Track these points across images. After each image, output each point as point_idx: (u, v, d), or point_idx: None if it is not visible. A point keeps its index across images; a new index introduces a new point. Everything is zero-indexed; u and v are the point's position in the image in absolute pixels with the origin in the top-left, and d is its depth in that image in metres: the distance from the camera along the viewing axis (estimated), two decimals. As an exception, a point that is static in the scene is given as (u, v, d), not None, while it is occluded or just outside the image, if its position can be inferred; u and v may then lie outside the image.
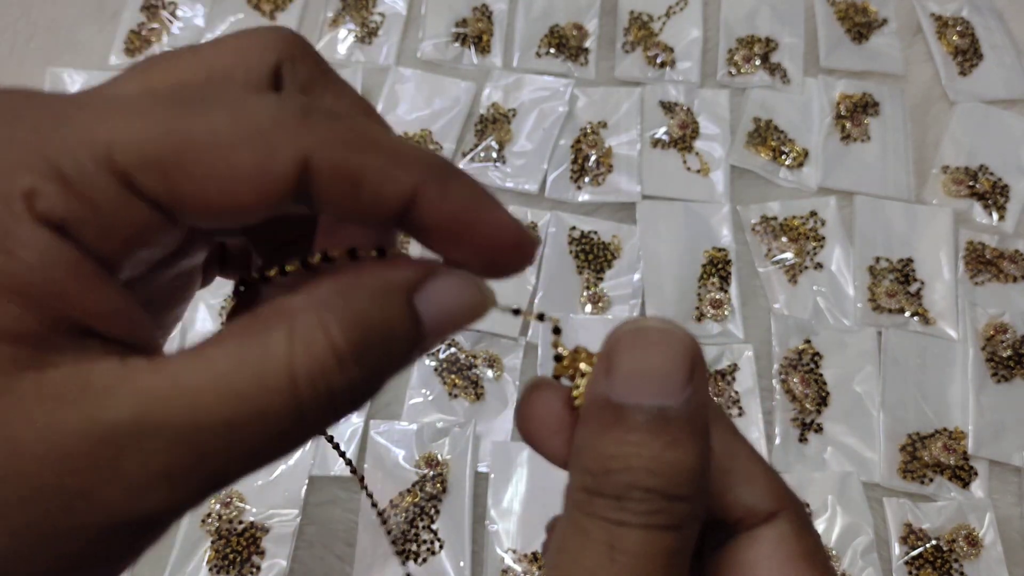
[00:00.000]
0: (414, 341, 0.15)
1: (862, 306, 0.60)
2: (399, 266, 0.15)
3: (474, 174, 0.64)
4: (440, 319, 0.15)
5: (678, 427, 0.15)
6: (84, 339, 0.13)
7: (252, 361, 0.13)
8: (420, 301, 0.15)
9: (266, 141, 0.14)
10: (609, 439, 0.15)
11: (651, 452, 0.14)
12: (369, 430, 0.55)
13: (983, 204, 0.65)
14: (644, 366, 0.15)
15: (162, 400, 0.13)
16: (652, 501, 0.14)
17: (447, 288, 0.15)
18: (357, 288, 0.15)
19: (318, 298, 0.14)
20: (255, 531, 0.51)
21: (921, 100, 0.70)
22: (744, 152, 0.66)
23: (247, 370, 0.13)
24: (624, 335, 0.15)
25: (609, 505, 0.14)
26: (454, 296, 0.16)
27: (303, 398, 0.13)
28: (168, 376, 0.13)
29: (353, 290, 0.15)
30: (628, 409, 0.15)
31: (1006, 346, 0.58)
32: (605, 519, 0.14)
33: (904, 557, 0.52)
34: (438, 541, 0.51)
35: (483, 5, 0.72)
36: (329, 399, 0.14)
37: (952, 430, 0.56)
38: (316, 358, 0.13)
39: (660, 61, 0.70)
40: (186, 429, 0.13)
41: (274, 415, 0.13)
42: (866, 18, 0.72)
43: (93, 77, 0.69)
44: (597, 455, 0.15)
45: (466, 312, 0.16)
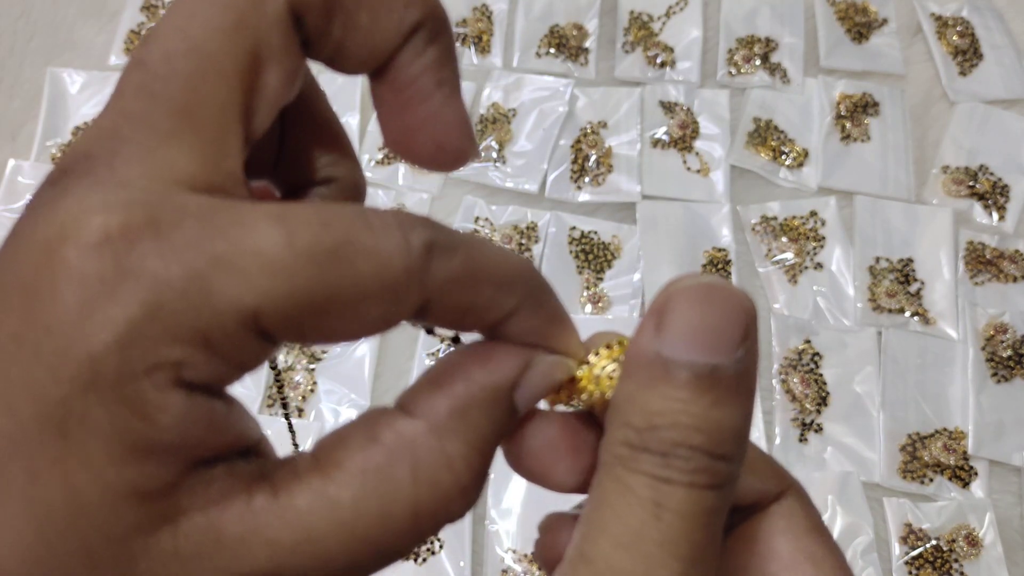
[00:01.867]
0: (510, 424, 0.16)
1: (862, 306, 0.60)
2: (503, 362, 0.16)
3: (474, 174, 0.65)
4: (529, 400, 0.16)
5: (727, 386, 0.15)
6: (209, 471, 0.13)
7: (376, 505, 0.14)
8: (519, 395, 0.16)
9: (398, 294, 0.14)
10: (656, 395, 0.14)
11: (698, 409, 0.14)
12: (369, 430, 0.55)
13: (983, 204, 0.65)
14: (700, 323, 0.15)
15: (293, 552, 0.13)
16: (697, 459, 0.14)
17: (539, 376, 0.16)
18: (473, 404, 0.15)
19: (436, 422, 0.14)
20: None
21: (921, 100, 0.70)
22: (744, 152, 0.66)
23: (373, 516, 0.14)
24: (680, 290, 0.15)
25: (655, 462, 0.14)
26: (542, 380, 0.16)
27: (424, 532, 0.14)
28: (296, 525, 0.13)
29: (470, 408, 0.15)
30: (678, 365, 0.14)
31: (1006, 346, 0.58)
32: (651, 476, 0.14)
33: (904, 557, 0.52)
34: (438, 541, 0.51)
35: (483, 5, 0.72)
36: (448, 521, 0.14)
37: (952, 430, 0.56)
38: (441, 497, 0.14)
39: (660, 61, 0.70)
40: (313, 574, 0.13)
41: (395, 549, 0.14)
42: (866, 18, 0.72)
43: (93, 77, 0.69)
44: (643, 410, 0.15)
45: (551, 388, 0.16)
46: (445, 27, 0.16)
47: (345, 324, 0.14)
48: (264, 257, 0.13)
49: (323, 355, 0.58)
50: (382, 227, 0.14)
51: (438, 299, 0.14)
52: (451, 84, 0.16)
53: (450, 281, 0.14)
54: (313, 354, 0.58)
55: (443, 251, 0.14)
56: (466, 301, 0.15)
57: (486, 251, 0.15)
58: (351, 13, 0.15)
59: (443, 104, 0.16)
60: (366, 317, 0.14)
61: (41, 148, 0.65)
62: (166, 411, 0.12)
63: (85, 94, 0.68)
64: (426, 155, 0.17)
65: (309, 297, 0.13)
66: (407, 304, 0.14)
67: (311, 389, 0.57)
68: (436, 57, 0.16)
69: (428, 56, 0.16)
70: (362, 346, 0.58)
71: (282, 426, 0.56)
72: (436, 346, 0.58)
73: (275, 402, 0.56)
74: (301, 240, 0.13)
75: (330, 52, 0.16)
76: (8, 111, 0.68)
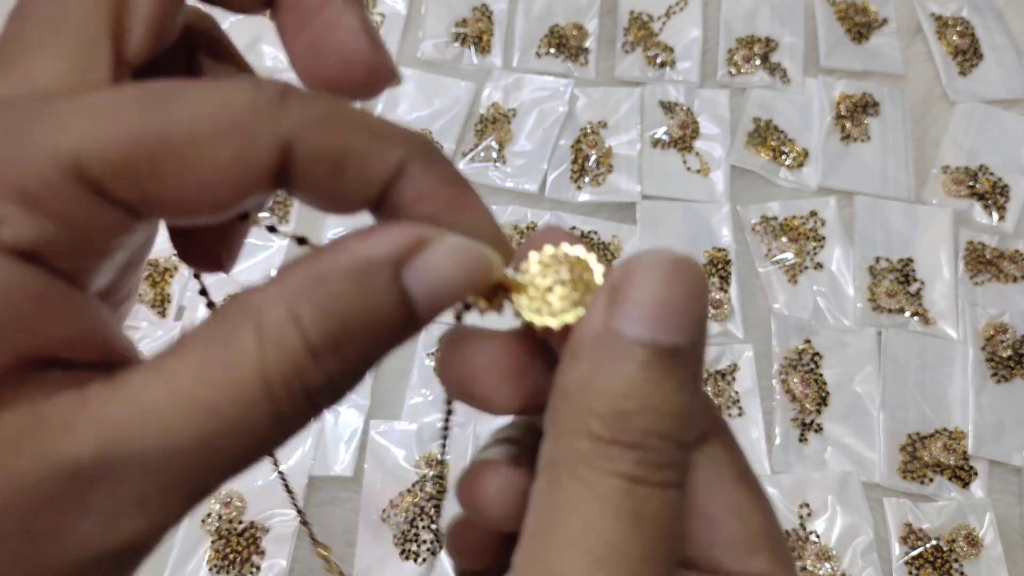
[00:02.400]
0: (405, 323, 0.14)
1: (862, 306, 0.60)
2: (385, 236, 0.14)
3: (474, 174, 0.65)
4: (435, 295, 0.14)
5: (684, 366, 0.13)
6: (44, 373, 0.12)
7: (219, 371, 0.12)
8: (410, 277, 0.13)
9: (244, 131, 0.13)
10: (620, 378, 0.13)
11: (664, 392, 0.13)
12: (369, 430, 0.55)
13: (983, 204, 0.65)
14: (662, 297, 0.13)
15: (124, 428, 0.12)
16: (669, 451, 0.13)
17: (443, 258, 0.14)
18: (334, 271, 0.13)
19: (288, 288, 0.13)
20: (255, 531, 0.51)
21: (921, 100, 0.70)
22: (744, 152, 0.66)
23: (215, 382, 0.12)
24: (643, 265, 0.14)
25: (628, 458, 0.13)
26: (451, 267, 0.14)
27: (280, 402, 0.12)
28: (128, 400, 0.12)
29: (329, 274, 0.13)
30: (641, 343, 0.13)
31: (1006, 346, 0.58)
32: (625, 477, 0.13)
33: (904, 557, 0.52)
34: (438, 541, 0.51)
35: (483, 5, 0.72)
36: (308, 398, 0.13)
37: (952, 430, 0.56)
38: (289, 358, 0.12)
39: (660, 61, 0.70)
40: (154, 454, 0.12)
41: (251, 425, 0.12)
42: (866, 18, 0.72)
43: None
44: (607, 394, 0.13)
45: (465, 283, 0.14)
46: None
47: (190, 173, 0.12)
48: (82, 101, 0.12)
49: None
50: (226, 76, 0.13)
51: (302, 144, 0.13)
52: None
53: (314, 121, 0.13)
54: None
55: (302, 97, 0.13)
56: (337, 145, 0.13)
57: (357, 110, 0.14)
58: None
59: (340, 11, 0.15)
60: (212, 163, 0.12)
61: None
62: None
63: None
64: (335, 72, 0.15)
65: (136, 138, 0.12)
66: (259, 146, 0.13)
67: (311, 389, 0.57)
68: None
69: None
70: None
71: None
72: (435, 346, 0.58)
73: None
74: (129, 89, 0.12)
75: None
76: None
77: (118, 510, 0.12)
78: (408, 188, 0.14)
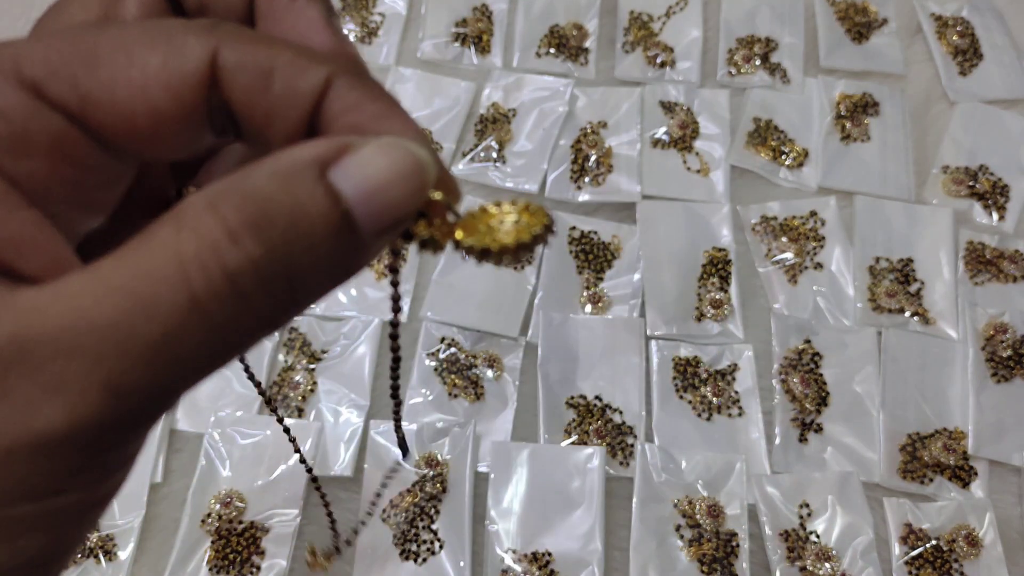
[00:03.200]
0: (342, 227, 0.13)
1: (862, 306, 0.60)
2: (311, 144, 0.14)
3: (474, 174, 0.65)
4: (366, 191, 0.13)
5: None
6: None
7: (136, 257, 0.12)
8: (338, 175, 0.13)
9: (173, 41, 0.13)
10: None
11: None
12: (369, 430, 0.55)
13: (983, 204, 0.65)
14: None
15: (41, 313, 0.12)
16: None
17: (370, 156, 0.14)
18: (256, 170, 0.13)
19: (212, 190, 0.13)
20: (255, 531, 0.51)
21: (921, 100, 0.70)
22: (744, 152, 0.66)
23: (131, 266, 0.12)
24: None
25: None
26: (379, 164, 0.14)
27: (195, 281, 0.12)
28: (50, 291, 0.12)
29: (251, 174, 0.13)
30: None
31: (1006, 346, 0.58)
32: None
33: (904, 557, 0.52)
34: (438, 541, 0.51)
35: (483, 5, 0.72)
36: (228, 280, 0.12)
37: (952, 430, 0.56)
38: (205, 239, 0.12)
39: (660, 61, 0.70)
40: (67, 335, 0.12)
41: (165, 305, 0.12)
42: (866, 18, 0.72)
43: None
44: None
45: (397, 179, 0.14)
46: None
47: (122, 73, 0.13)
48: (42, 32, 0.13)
49: (323, 355, 0.58)
50: None
51: (229, 52, 0.14)
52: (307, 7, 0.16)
53: (241, 36, 0.14)
54: (313, 354, 0.58)
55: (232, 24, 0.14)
56: (262, 56, 0.14)
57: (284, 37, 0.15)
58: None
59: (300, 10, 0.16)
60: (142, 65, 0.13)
61: (41, 148, 0.65)
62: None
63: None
64: None
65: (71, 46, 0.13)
66: (186, 54, 0.13)
67: (311, 389, 0.56)
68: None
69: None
70: (362, 346, 0.58)
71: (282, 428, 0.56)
72: (436, 346, 0.58)
73: (271, 400, 0.56)
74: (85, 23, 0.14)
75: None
76: (8, 111, 0.68)
77: (35, 395, 0.12)
78: (336, 102, 0.14)
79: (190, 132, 0.15)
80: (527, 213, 0.15)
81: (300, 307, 0.14)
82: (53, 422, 0.12)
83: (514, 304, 0.59)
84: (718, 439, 0.56)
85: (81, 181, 0.14)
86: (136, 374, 0.12)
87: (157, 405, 0.13)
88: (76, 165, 0.14)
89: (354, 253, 0.14)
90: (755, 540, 0.53)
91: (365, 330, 0.58)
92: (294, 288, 0.13)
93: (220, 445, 0.53)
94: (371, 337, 0.58)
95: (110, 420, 0.12)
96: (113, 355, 0.12)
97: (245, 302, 0.13)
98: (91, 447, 0.13)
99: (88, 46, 0.13)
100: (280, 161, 0.13)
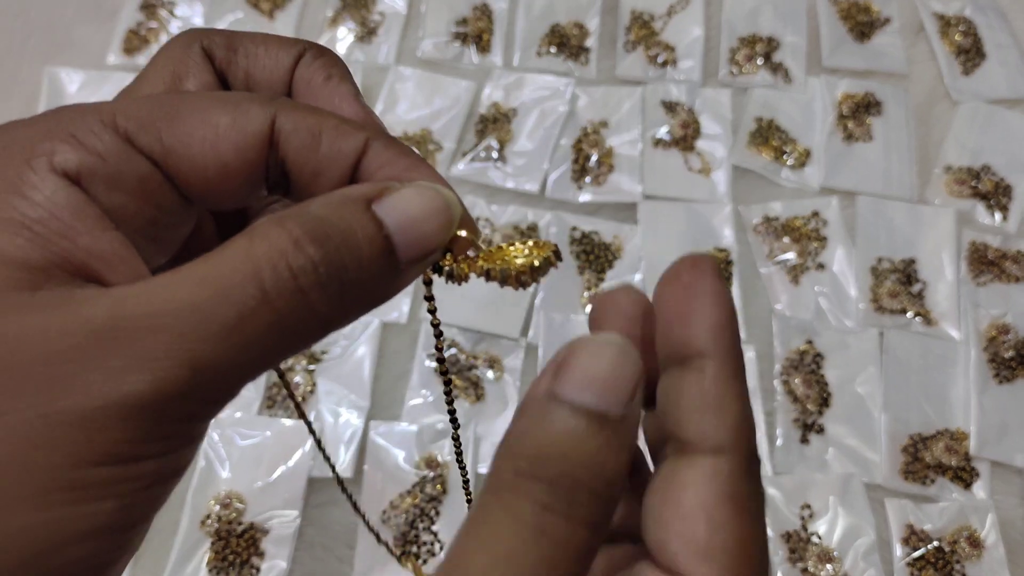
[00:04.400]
0: (385, 251, 0.16)
1: (864, 307, 0.60)
2: (358, 185, 0.17)
3: (474, 174, 0.65)
4: (403, 222, 0.17)
5: (614, 433, 0.16)
6: (77, 278, 0.15)
7: (215, 258, 0.15)
8: (381, 208, 0.16)
9: (240, 107, 0.17)
10: (551, 430, 0.15)
11: (588, 448, 0.15)
12: (369, 431, 0.54)
13: (986, 204, 0.64)
14: (597, 371, 0.16)
15: (133, 298, 0.14)
16: (579, 493, 0.15)
17: (407, 195, 0.17)
18: (314, 201, 0.16)
19: (277, 214, 0.16)
20: (255, 532, 0.51)
21: (924, 100, 0.69)
22: (746, 152, 0.66)
23: (210, 265, 0.15)
24: (582, 343, 0.16)
25: (543, 489, 0.15)
26: (414, 201, 0.17)
27: (264, 276, 0.15)
28: (140, 285, 0.15)
29: (310, 203, 0.16)
30: (573, 405, 0.15)
31: (1008, 347, 0.58)
32: (537, 502, 0.15)
33: (906, 558, 0.52)
34: (438, 543, 0.51)
35: (483, 4, 0.72)
36: (292, 276, 0.15)
37: (954, 431, 0.56)
38: (274, 243, 0.15)
39: (661, 60, 0.70)
40: (155, 315, 0.14)
41: (238, 294, 0.14)
42: (868, 17, 0.72)
43: (91, 77, 0.68)
44: (535, 442, 0.15)
45: (430, 215, 0.17)
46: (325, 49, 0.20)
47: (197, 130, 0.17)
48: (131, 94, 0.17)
49: (323, 356, 0.58)
50: None
51: (285, 117, 0.17)
52: (339, 76, 0.20)
53: (295, 106, 0.17)
54: (313, 355, 0.58)
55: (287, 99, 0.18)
56: (312, 122, 0.17)
57: None
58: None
59: (334, 89, 0.20)
60: (214, 124, 0.17)
61: (40, 147, 0.65)
62: (39, 190, 0.15)
63: (83, 94, 0.68)
64: None
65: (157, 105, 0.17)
66: (251, 117, 0.17)
67: (310, 390, 0.56)
68: (322, 63, 0.20)
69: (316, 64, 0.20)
70: (361, 347, 0.57)
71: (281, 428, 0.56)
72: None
73: (275, 403, 0.56)
74: None
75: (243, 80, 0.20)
76: (6, 111, 0.68)
77: (125, 366, 0.14)
78: (373, 160, 0.18)
79: (249, 184, 0.18)
80: (536, 247, 0.19)
81: (347, 314, 0.16)
82: (139, 388, 0.14)
83: (514, 305, 0.59)
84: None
85: (156, 219, 0.17)
86: (212, 351, 0.14)
87: (228, 384, 0.15)
88: (154, 204, 0.17)
89: (392, 275, 0.17)
90: (756, 542, 0.53)
91: (365, 331, 0.58)
92: (344, 292, 0.16)
93: (219, 446, 0.53)
94: (371, 338, 0.58)
95: (188, 391, 0.14)
96: (193, 333, 0.14)
97: (304, 297, 0.15)
98: (169, 415, 0.14)
99: (172, 107, 0.17)
100: (334, 195, 0.16)
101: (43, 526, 0.14)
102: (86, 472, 0.14)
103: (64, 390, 0.14)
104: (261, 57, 0.20)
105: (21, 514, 0.13)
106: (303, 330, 0.16)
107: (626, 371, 0.16)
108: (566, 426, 0.15)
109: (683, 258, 0.18)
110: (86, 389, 0.14)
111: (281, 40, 0.20)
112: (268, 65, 0.20)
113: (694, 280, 0.18)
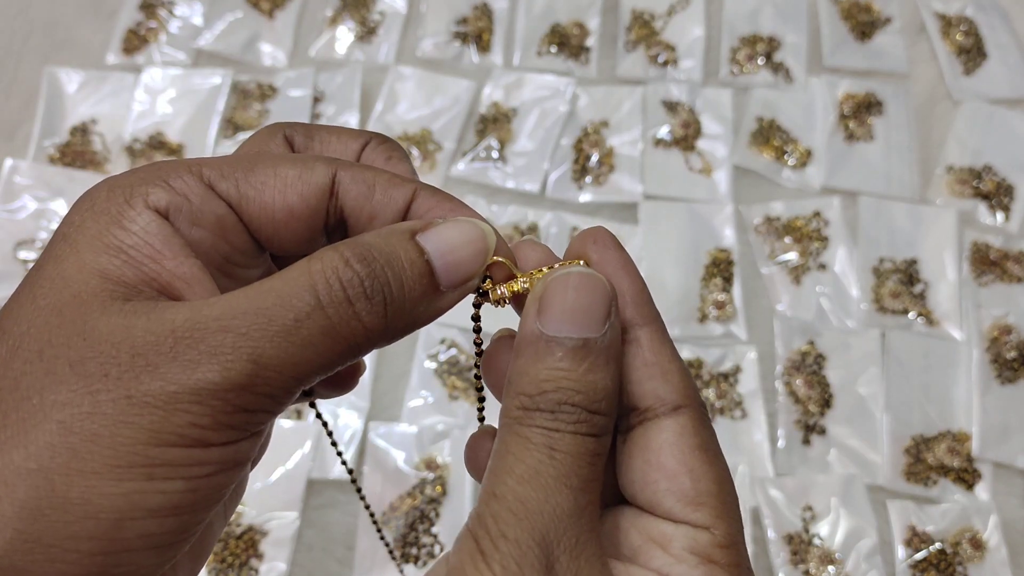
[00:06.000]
0: (423, 268, 0.19)
1: (866, 307, 0.60)
2: (405, 222, 0.20)
3: (474, 174, 0.64)
4: (443, 249, 0.19)
5: (597, 355, 0.18)
6: (162, 295, 0.18)
7: (276, 276, 0.18)
8: (423, 238, 0.19)
9: (307, 163, 0.20)
10: (542, 366, 0.18)
11: (577, 375, 0.18)
12: (368, 432, 0.54)
13: (988, 204, 0.64)
14: (572, 305, 0.18)
15: (207, 305, 0.17)
16: (578, 414, 0.18)
17: (447, 226, 0.19)
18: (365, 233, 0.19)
19: (334, 244, 0.19)
20: (254, 534, 0.51)
21: (925, 99, 0.69)
22: (747, 152, 0.66)
23: (272, 280, 0.18)
24: (554, 281, 0.19)
25: (546, 417, 0.18)
26: (453, 232, 0.19)
27: (319, 287, 0.17)
28: (215, 297, 0.18)
29: (362, 235, 0.19)
30: (558, 341, 0.18)
31: (1011, 347, 0.58)
32: (543, 428, 0.18)
33: (908, 560, 0.52)
34: (438, 544, 0.51)
35: (483, 3, 0.71)
36: (342, 289, 0.18)
37: (956, 432, 0.56)
38: (327, 262, 0.18)
39: (662, 60, 0.69)
40: (225, 317, 0.17)
41: (296, 300, 0.17)
42: (870, 17, 0.72)
43: (91, 76, 0.68)
44: (533, 380, 0.18)
45: (466, 242, 0.20)
46: (387, 138, 0.24)
47: (270, 180, 0.20)
48: None
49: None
50: None
51: (344, 172, 0.20)
52: (398, 158, 0.23)
53: (352, 164, 0.20)
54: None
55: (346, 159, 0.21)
56: (368, 175, 0.20)
57: None
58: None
59: (393, 166, 0.23)
60: (284, 175, 0.20)
61: (38, 147, 0.65)
62: (135, 222, 0.18)
63: (82, 93, 0.68)
64: None
65: (235, 162, 0.20)
66: (316, 170, 0.20)
67: (310, 391, 0.56)
68: (384, 148, 0.23)
69: (380, 148, 0.23)
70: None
71: (280, 430, 0.55)
72: (436, 347, 0.58)
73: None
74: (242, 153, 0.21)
75: None
76: (5, 110, 0.67)
77: (198, 358, 0.16)
78: (421, 206, 0.21)
79: (312, 229, 0.20)
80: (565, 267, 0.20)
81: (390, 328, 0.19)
82: (210, 377, 0.16)
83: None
84: (721, 442, 0.55)
85: (230, 256, 0.20)
86: (273, 348, 0.17)
87: (286, 381, 0.17)
88: (229, 241, 0.20)
89: (433, 296, 0.19)
90: (758, 543, 0.52)
91: (365, 331, 0.58)
92: (387, 307, 0.18)
93: (219, 447, 0.53)
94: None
95: (251, 383, 0.17)
96: (257, 333, 0.17)
97: (351, 308, 0.18)
98: (234, 404, 0.17)
99: (249, 161, 0.20)
100: (383, 228, 0.19)
101: (122, 496, 0.16)
102: (161, 451, 0.16)
103: (148, 377, 0.16)
104: (333, 143, 0.23)
105: (107, 483, 0.16)
106: (351, 338, 0.18)
107: (596, 296, 0.19)
108: (555, 360, 0.18)
109: (581, 235, 0.21)
110: (165, 376, 0.16)
111: (351, 131, 0.24)
112: (339, 150, 0.23)
113: (602, 257, 0.21)
